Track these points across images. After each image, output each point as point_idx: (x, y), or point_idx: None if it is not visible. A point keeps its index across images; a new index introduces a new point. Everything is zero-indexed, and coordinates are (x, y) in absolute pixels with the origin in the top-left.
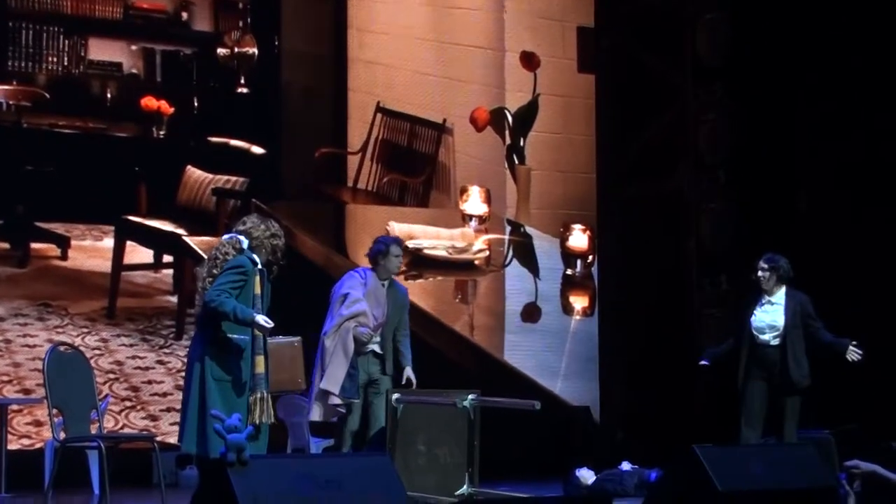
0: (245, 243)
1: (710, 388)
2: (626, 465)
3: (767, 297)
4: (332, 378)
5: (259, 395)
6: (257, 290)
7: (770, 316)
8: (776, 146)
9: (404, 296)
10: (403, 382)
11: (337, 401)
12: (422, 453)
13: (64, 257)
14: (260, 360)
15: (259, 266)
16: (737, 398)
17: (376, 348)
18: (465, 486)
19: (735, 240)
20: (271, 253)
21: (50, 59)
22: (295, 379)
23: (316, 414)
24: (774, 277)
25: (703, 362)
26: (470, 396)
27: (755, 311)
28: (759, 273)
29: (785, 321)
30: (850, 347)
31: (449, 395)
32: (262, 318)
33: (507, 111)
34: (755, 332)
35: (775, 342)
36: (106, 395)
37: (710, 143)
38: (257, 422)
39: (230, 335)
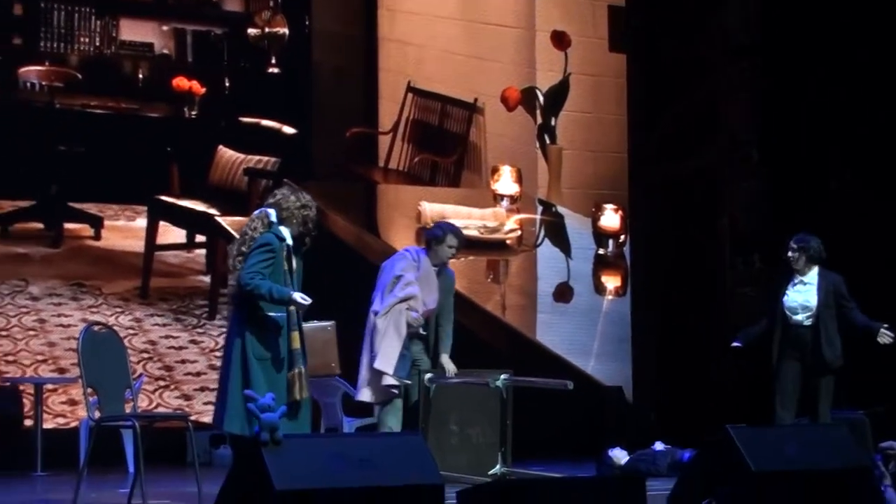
0: (273, 216)
1: (744, 369)
2: (659, 446)
3: (800, 277)
4: (386, 358)
5: (297, 371)
6: (286, 265)
7: (802, 296)
8: (809, 124)
9: (452, 280)
10: (438, 369)
11: (391, 381)
12: (454, 433)
13: (97, 237)
14: (295, 335)
15: (286, 241)
16: (770, 378)
17: (420, 329)
18: (497, 466)
19: (768, 218)
20: (302, 224)
21: (82, 39)
22: (329, 364)
23: (366, 395)
24: (804, 258)
25: (735, 344)
26: (502, 376)
27: (787, 292)
28: (789, 253)
29: (818, 301)
30: (882, 330)
31: (481, 374)
32: (298, 296)
33: (538, 90)
34: (788, 313)
35: (808, 322)
36: (140, 375)
37: (743, 122)
38: (297, 398)
39: (268, 313)
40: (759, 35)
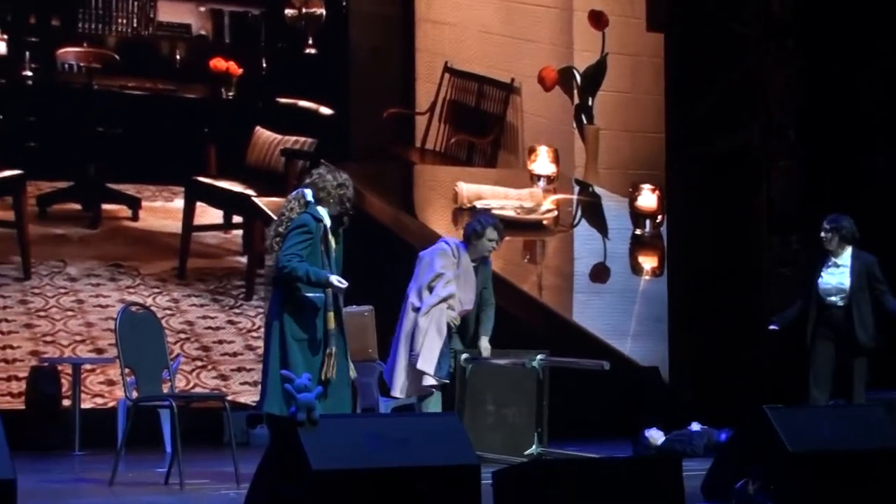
0: (310, 196)
1: (780, 349)
2: (695, 426)
3: (833, 259)
4: (428, 359)
5: (328, 351)
6: (323, 246)
7: (836, 278)
8: (849, 104)
9: (490, 270)
10: (475, 350)
11: (432, 381)
12: (491, 413)
13: (135, 218)
14: (331, 316)
15: (324, 222)
16: (806, 359)
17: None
18: (534, 446)
19: (805, 198)
20: (339, 203)
21: (120, 21)
22: (366, 349)
23: (400, 390)
24: (836, 238)
25: (772, 327)
26: (539, 356)
27: (822, 273)
28: (822, 234)
29: (851, 283)
30: None
31: (518, 355)
32: (335, 279)
33: (575, 70)
34: (822, 294)
35: (842, 304)
36: (177, 355)
37: (781, 101)
38: (322, 378)
39: (306, 294)
40: (797, 13)
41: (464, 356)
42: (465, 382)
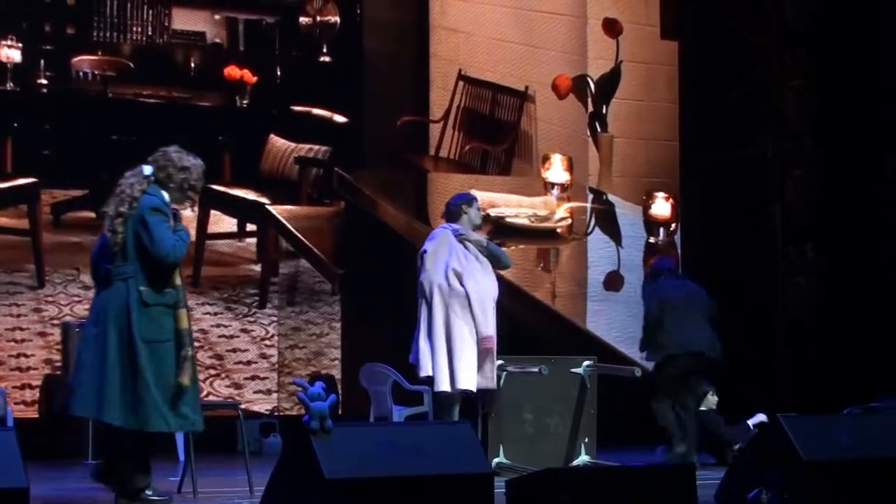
0: (148, 170)
1: (796, 357)
2: None
3: None
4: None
5: (184, 354)
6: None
7: None
8: (864, 112)
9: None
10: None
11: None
12: (529, 422)
13: None
14: (182, 313)
15: (167, 203)
16: (824, 368)
17: None
18: (582, 456)
19: (821, 207)
20: (179, 188)
21: (134, 29)
22: None
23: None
24: None
25: None
26: (585, 363)
27: None
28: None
29: None
30: None
31: (563, 362)
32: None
33: (589, 78)
34: None
35: None
36: None
37: (796, 109)
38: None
39: (153, 289)
40: (811, 22)
41: (499, 362)
42: (499, 390)
